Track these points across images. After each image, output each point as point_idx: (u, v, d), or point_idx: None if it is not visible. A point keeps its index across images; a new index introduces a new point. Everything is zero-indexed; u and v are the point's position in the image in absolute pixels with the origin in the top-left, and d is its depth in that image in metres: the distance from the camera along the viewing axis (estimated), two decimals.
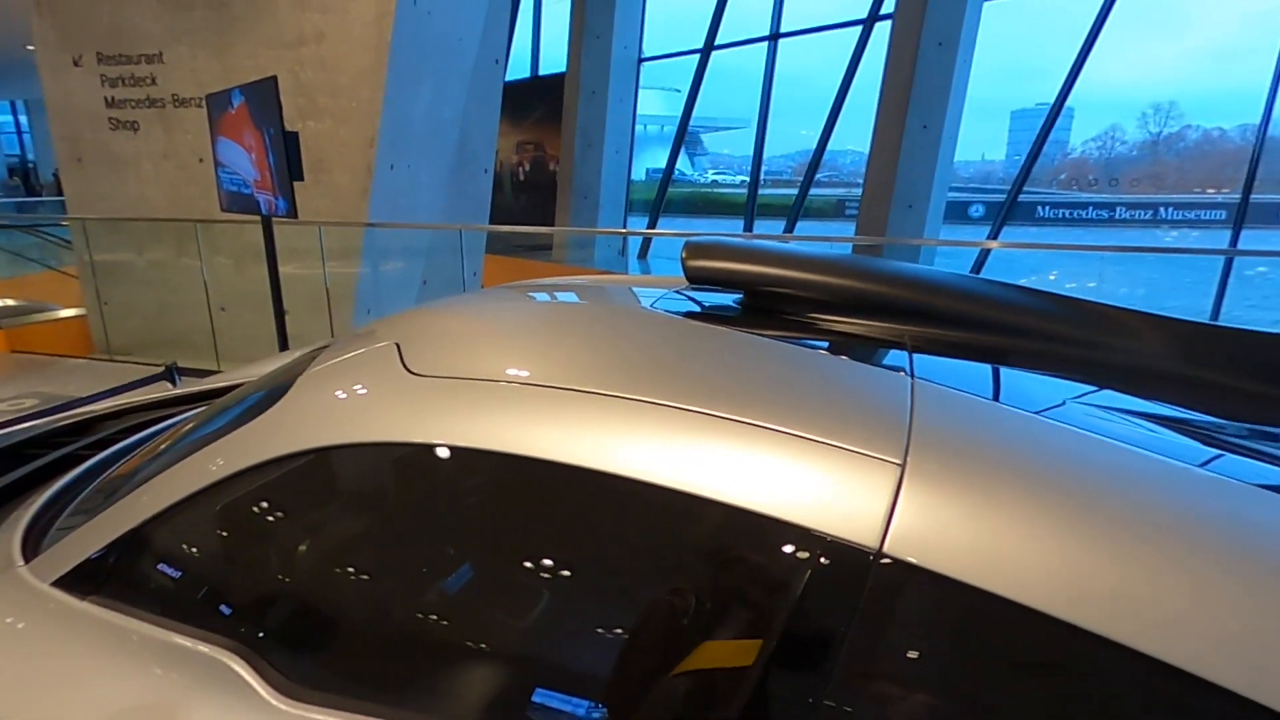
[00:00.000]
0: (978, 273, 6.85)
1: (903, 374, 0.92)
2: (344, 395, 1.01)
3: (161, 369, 2.46)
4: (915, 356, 1.01)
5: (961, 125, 7.09)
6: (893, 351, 1.05)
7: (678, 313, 1.16)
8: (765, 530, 0.76)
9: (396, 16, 4.72)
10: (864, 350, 1.07)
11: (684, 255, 1.23)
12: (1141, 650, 0.63)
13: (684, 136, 11.16)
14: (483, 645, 0.89)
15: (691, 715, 0.78)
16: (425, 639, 0.90)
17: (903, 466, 0.74)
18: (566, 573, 0.87)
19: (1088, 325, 1.16)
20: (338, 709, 0.85)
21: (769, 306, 1.20)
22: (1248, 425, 1.02)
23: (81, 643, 0.98)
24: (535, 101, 12.44)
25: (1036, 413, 0.89)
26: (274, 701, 0.87)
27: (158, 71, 5.28)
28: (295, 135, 3.50)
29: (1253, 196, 6.78)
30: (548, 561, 0.87)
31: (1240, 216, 6.54)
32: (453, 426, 0.90)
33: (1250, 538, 0.70)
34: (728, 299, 1.28)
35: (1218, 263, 6.65)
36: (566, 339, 1.05)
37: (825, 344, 1.07)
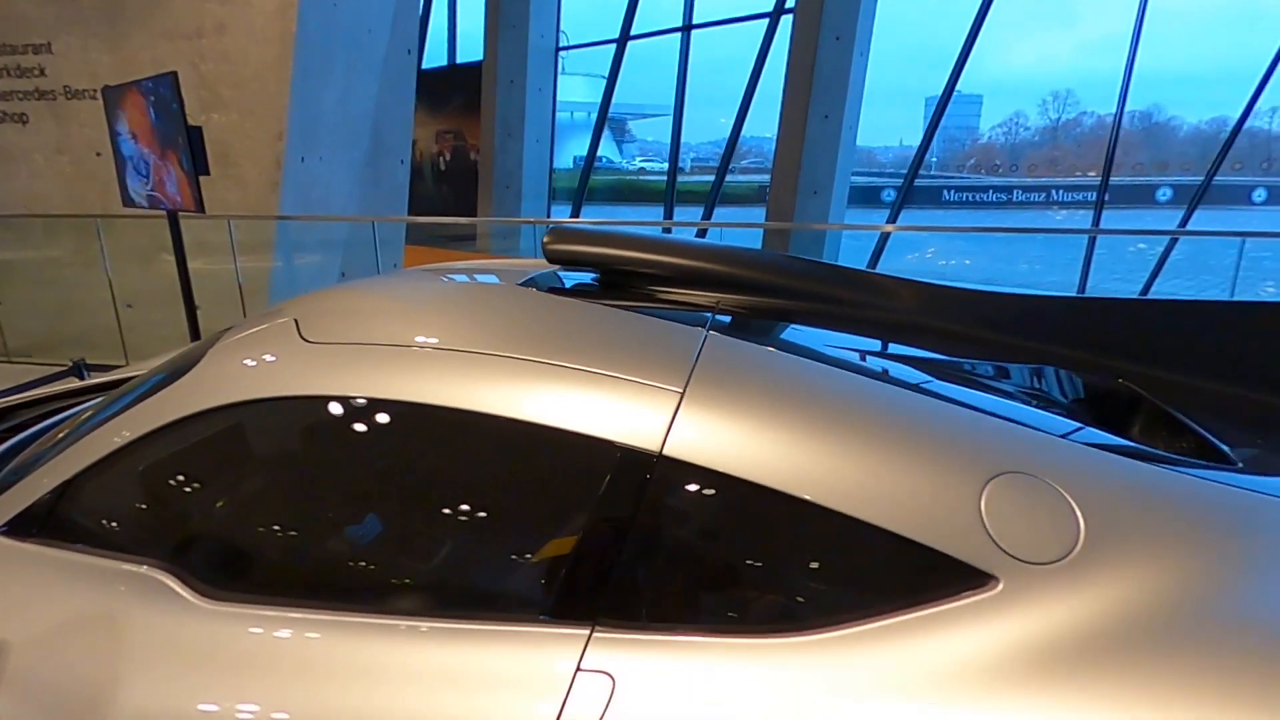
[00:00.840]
0: (879, 255, 7.30)
1: (701, 329, 1.22)
2: (249, 361, 1.24)
3: (69, 365, 2.49)
4: (718, 317, 1.34)
5: (880, 112, 7.48)
6: (704, 314, 1.36)
7: (538, 288, 1.43)
8: (581, 445, 1.05)
9: (300, 7, 4.69)
10: (679, 313, 1.37)
11: (544, 241, 1.51)
12: (842, 510, 0.97)
13: (604, 124, 11.29)
14: (356, 549, 1.17)
15: (542, 589, 1.06)
16: (312, 547, 1.18)
17: (682, 393, 1.06)
18: (428, 486, 1.17)
19: (856, 289, 1.53)
20: (247, 604, 1.10)
21: (616, 282, 1.50)
22: (968, 361, 1.42)
23: (30, 575, 1.20)
24: (453, 90, 12.33)
25: (801, 355, 1.23)
26: (199, 604, 1.10)
27: (46, 62, 5.09)
28: (199, 130, 3.50)
29: (1114, 179, 7.42)
30: (411, 478, 1.18)
31: (1100, 199, 7.19)
32: (338, 381, 1.16)
33: (929, 437, 1.03)
34: (584, 277, 1.57)
35: (1099, 240, 7.28)
36: (435, 309, 1.32)
37: (649, 309, 1.35)
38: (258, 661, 1.05)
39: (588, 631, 0.98)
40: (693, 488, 1.02)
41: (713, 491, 1.02)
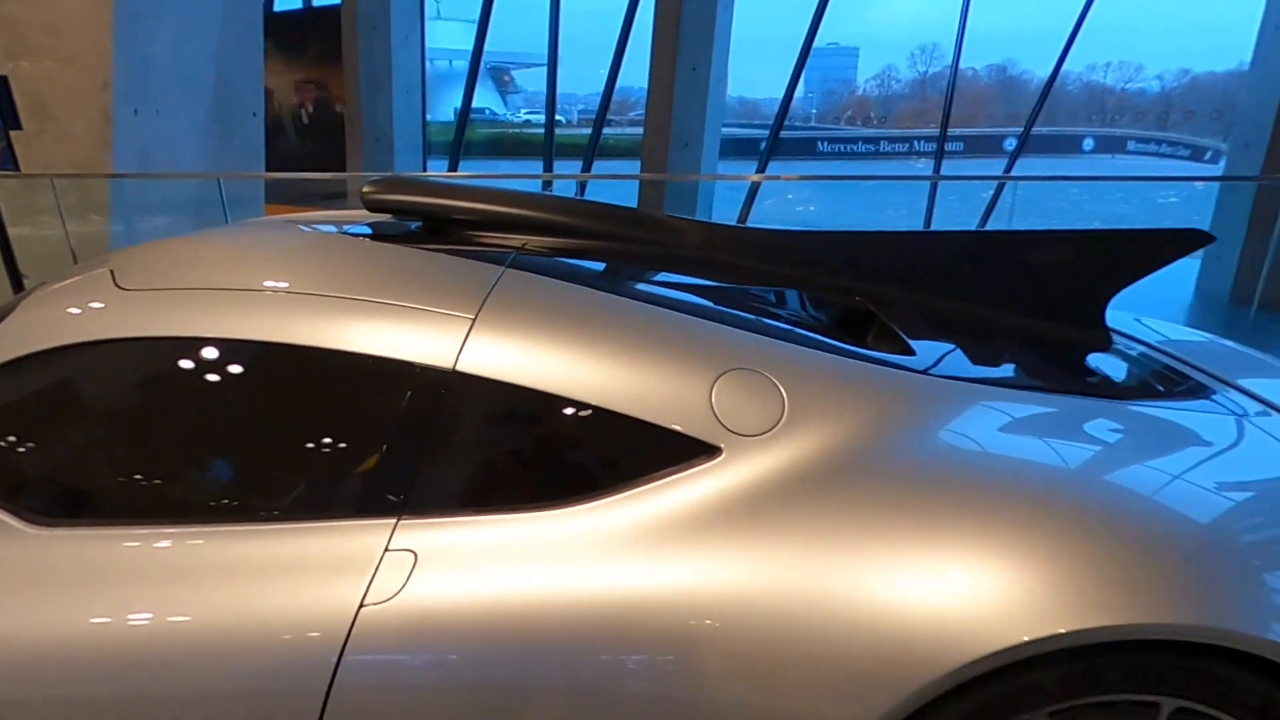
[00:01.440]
0: (751, 204, 7.57)
1: (500, 266, 1.42)
2: (65, 309, 1.34)
3: None
4: (522, 256, 1.54)
5: (764, 65, 7.62)
6: (509, 253, 1.55)
7: (355, 234, 1.58)
8: (385, 367, 1.26)
9: None
10: (484, 254, 1.53)
11: (363, 190, 1.62)
12: (604, 405, 1.23)
13: (477, 74, 10.94)
14: (180, 470, 1.31)
15: (356, 490, 1.25)
16: (136, 470, 1.30)
17: (474, 319, 1.29)
18: (248, 413, 1.33)
19: (649, 229, 1.74)
20: (77, 527, 1.24)
21: (437, 228, 1.66)
22: (735, 285, 1.69)
23: None
24: (311, 36, 11.55)
25: (585, 284, 1.43)
26: (30, 531, 1.23)
27: None
28: (4, 80, 3.20)
29: (968, 130, 7.98)
30: (232, 407, 1.33)
31: (940, 149, 7.77)
32: (153, 324, 1.30)
33: (675, 345, 1.29)
34: (408, 225, 1.73)
35: (945, 186, 7.85)
36: (248, 255, 1.47)
37: (460, 250, 1.53)
38: (93, 577, 1.18)
39: (395, 520, 1.21)
40: (480, 396, 1.25)
41: (497, 398, 1.25)
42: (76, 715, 1.14)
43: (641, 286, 1.60)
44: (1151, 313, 2.27)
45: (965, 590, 1.06)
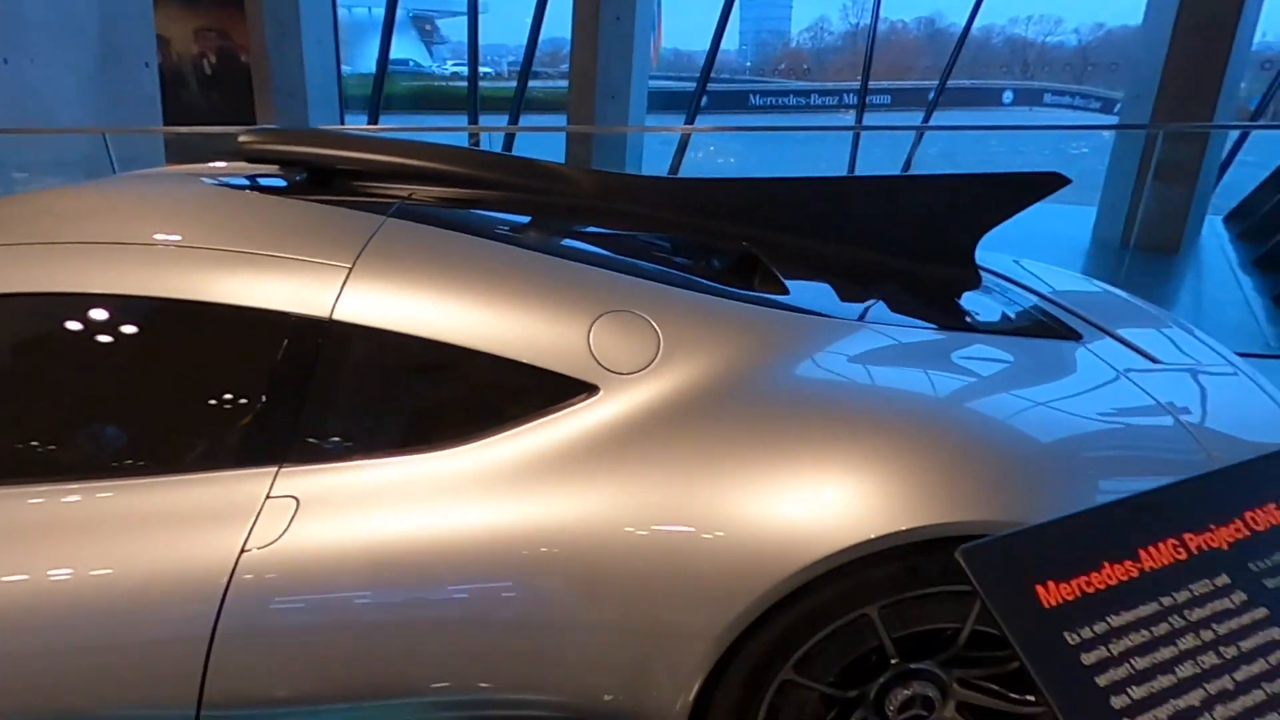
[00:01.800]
0: (681, 157, 7.52)
1: (382, 215, 1.42)
2: None
3: None
4: (407, 206, 1.53)
5: (702, 16, 7.45)
6: (393, 203, 1.54)
7: (234, 186, 1.56)
8: (263, 318, 1.26)
9: None
10: (368, 204, 1.52)
11: (240, 140, 1.61)
12: (484, 350, 1.25)
13: (394, 22, 10.42)
14: (46, 427, 1.30)
15: (238, 440, 1.25)
16: (20, 428, 1.28)
17: (350, 269, 1.28)
18: (129, 368, 1.31)
19: (540, 178, 1.75)
20: None
21: (323, 179, 1.64)
22: (622, 231, 1.72)
23: None
24: None
25: (468, 233, 1.43)
26: None
27: None
28: None
29: (896, 83, 8.08)
30: (114, 362, 1.32)
31: (861, 102, 7.87)
32: (22, 280, 1.27)
33: (556, 290, 1.33)
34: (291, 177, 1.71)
35: (872, 140, 7.97)
36: (117, 207, 1.45)
37: (342, 200, 1.52)
38: None
39: (276, 469, 1.22)
40: (359, 344, 1.26)
41: (376, 345, 1.26)
42: None
43: (525, 234, 1.61)
44: (1050, 258, 2.41)
45: (811, 501, 1.16)
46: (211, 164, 1.93)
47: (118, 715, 1.17)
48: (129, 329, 1.30)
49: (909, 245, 1.80)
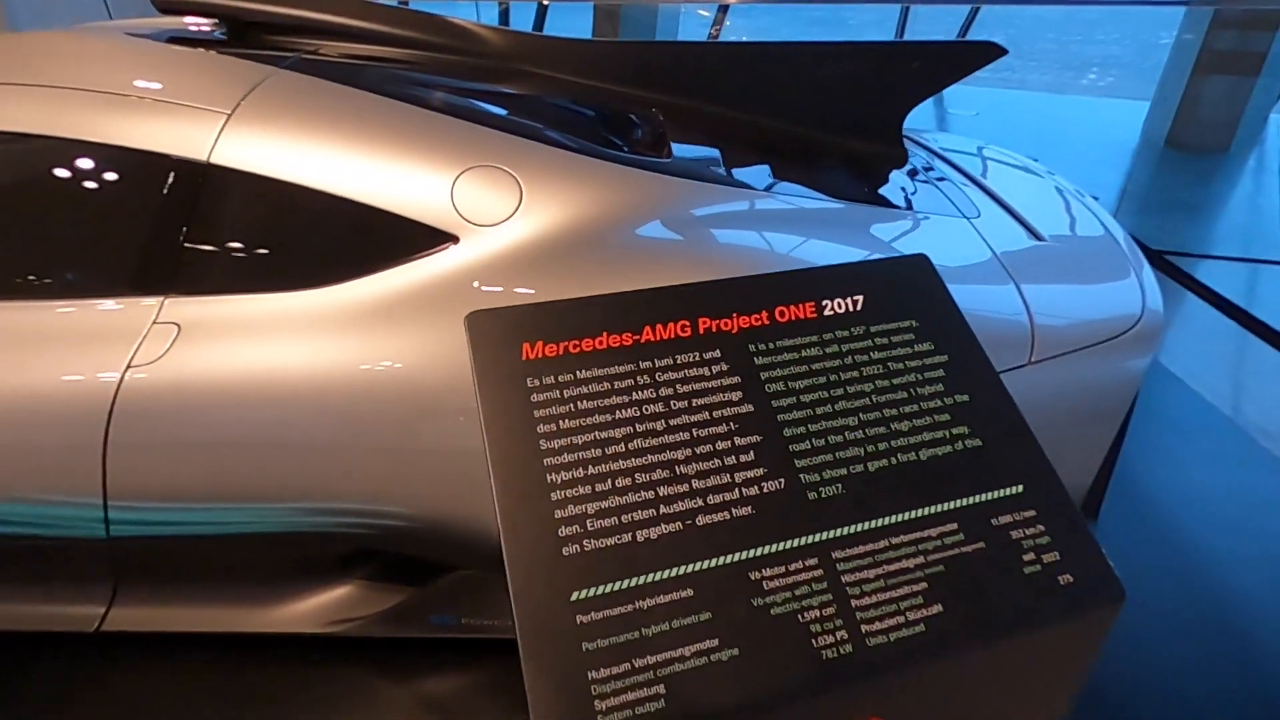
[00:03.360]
0: (720, 27, 7.17)
1: (273, 68, 1.53)
2: None
3: None
4: (306, 60, 1.64)
5: None
6: (292, 56, 1.65)
7: (142, 37, 1.67)
8: (147, 160, 1.39)
9: None
10: (267, 57, 1.63)
11: None
12: (353, 197, 1.38)
13: None
14: None
15: (127, 272, 1.39)
16: None
17: (229, 115, 1.41)
18: (15, 204, 1.43)
19: (449, 36, 1.82)
20: None
21: (236, 32, 1.76)
22: (518, 91, 1.78)
23: None
24: None
25: (356, 86, 1.53)
26: None
27: None
28: None
29: None
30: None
31: None
32: None
33: (429, 143, 1.43)
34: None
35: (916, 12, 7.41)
36: (7, 56, 1.57)
37: (240, 51, 1.62)
38: None
39: (162, 299, 1.37)
40: (235, 188, 1.38)
41: (251, 190, 1.37)
42: None
43: (410, 90, 1.66)
44: (1095, 157, 2.43)
45: None
46: (143, 20, 2.06)
47: (39, 508, 1.38)
48: (28, 165, 1.42)
49: (830, 117, 1.81)
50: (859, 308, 0.85)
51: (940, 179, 1.94)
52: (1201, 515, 2.29)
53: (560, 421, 0.72)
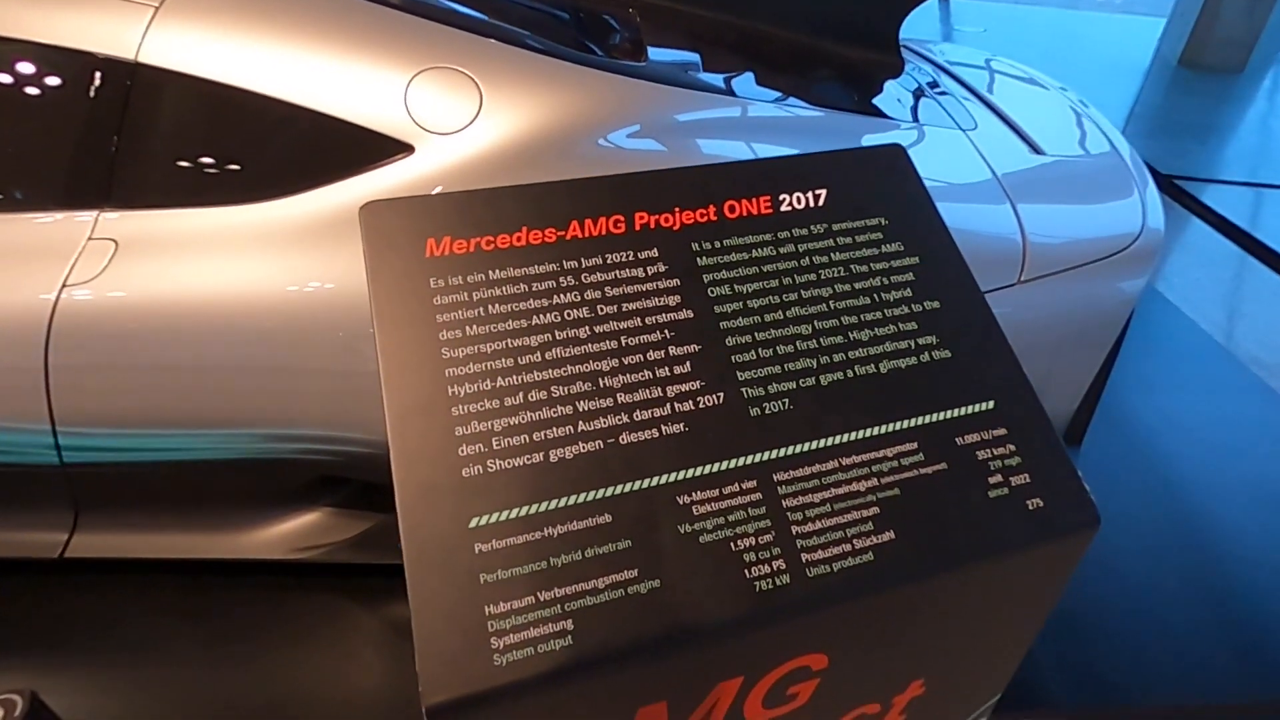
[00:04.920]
0: None
1: None
2: None
3: None
4: None
5: None
6: None
7: None
8: (71, 59, 1.26)
9: None
10: None
11: None
12: (298, 102, 1.26)
13: None
14: None
15: (59, 184, 1.29)
16: None
17: (157, 7, 1.27)
18: None
19: None
20: None
21: None
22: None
23: None
24: None
25: None
26: None
27: None
28: None
29: None
30: None
31: None
32: None
33: (378, 44, 1.30)
34: None
35: None
36: None
37: None
38: None
39: (97, 213, 1.28)
40: (167, 89, 1.25)
41: (186, 92, 1.26)
42: None
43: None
44: (1105, 76, 2.37)
45: None
46: None
47: None
48: None
49: (821, 21, 1.70)
50: (821, 203, 0.74)
51: (940, 91, 1.84)
52: (1187, 443, 2.25)
53: (467, 327, 0.63)
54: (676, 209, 0.72)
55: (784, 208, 0.74)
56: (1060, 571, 0.66)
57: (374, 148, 1.27)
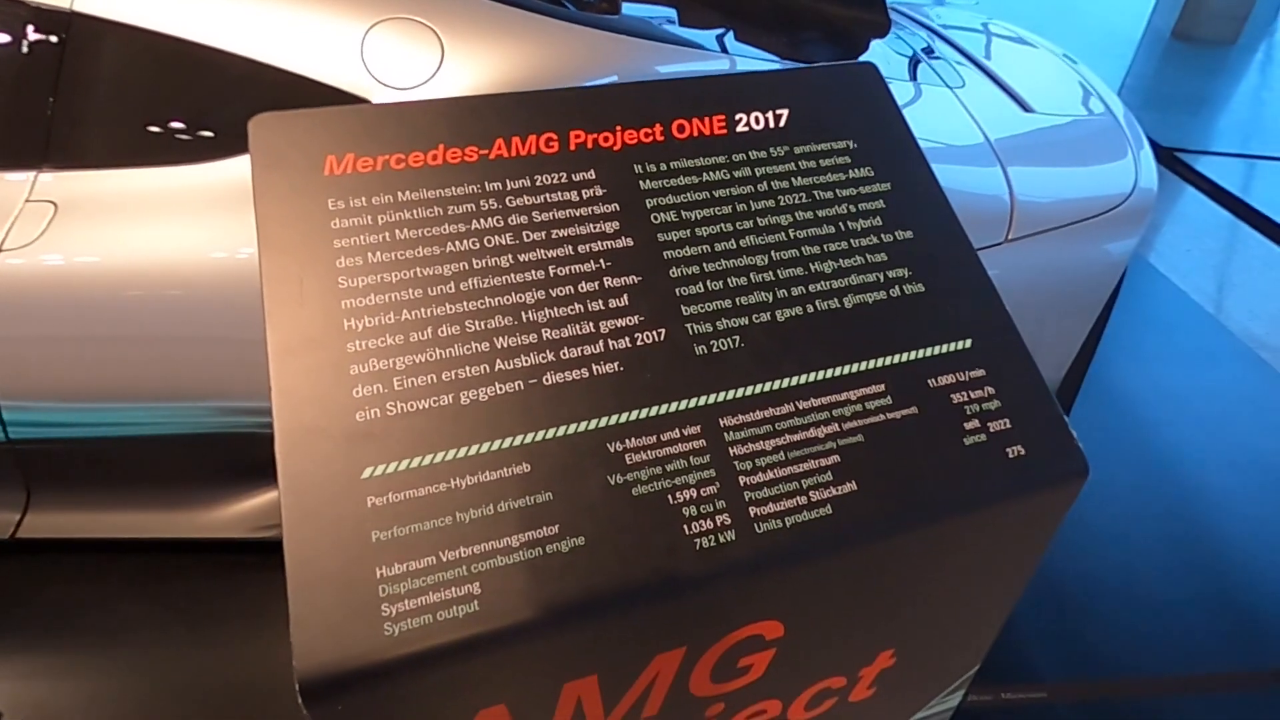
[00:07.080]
0: None
1: None
2: None
3: None
4: None
5: None
6: None
7: None
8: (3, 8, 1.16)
9: None
10: None
11: None
12: (246, 55, 1.17)
13: None
14: None
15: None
16: None
17: None
18: None
19: None
20: None
21: None
22: None
23: None
24: None
25: None
26: None
27: None
28: None
29: None
30: None
31: None
32: None
33: None
34: None
35: None
36: None
37: None
38: None
39: (34, 174, 1.20)
40: (107, 42, 1.16)
41: (124, 43, 1.16)
42: None
43: None
44: (1098, 46, 2.37)
45: None
46: None
47: None
48: None
49: None
50: (782, 124, 0.66)
51: (928, 50, 1.79)
52: (1177, 413, 2.20)
53: (369, 254, 0.54)
54: (618, 127, 0.63)
55: (740, 128, 0.65)
56: (1044, 527, 0.59)
57: (328, 102, 1.19)
